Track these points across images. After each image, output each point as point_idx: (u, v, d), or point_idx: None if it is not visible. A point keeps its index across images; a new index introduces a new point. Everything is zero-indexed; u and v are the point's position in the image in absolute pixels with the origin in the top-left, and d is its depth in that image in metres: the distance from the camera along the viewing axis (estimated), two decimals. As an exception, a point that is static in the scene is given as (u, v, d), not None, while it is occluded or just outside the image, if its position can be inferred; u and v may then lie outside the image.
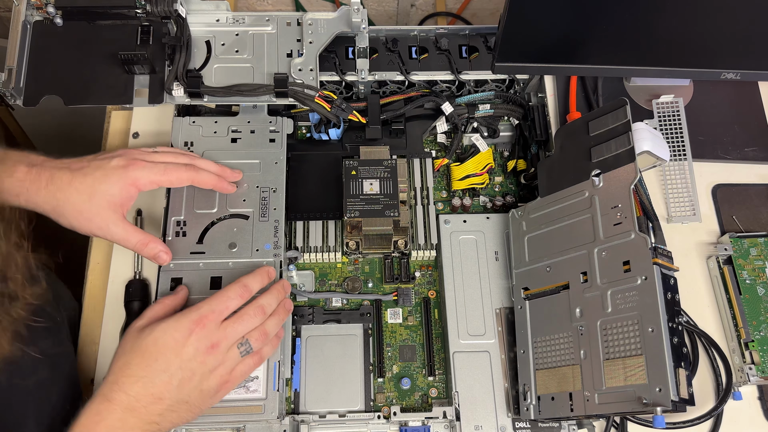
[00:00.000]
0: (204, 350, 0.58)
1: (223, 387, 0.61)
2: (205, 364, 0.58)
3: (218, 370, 0.59)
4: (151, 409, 0.56)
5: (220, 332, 0.59)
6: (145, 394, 0.56)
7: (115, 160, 0.64)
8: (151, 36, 0.77)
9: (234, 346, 0.60)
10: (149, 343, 0.57)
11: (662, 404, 0.56)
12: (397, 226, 0.74)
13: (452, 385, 0.70)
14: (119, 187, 0.63)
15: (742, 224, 0.81)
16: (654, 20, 0.76)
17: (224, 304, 0.60)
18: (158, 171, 0.65)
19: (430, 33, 0.87)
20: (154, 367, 0.56)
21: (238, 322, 0.60)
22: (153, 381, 0.56)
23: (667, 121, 0.84)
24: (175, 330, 0.58)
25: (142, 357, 0.57)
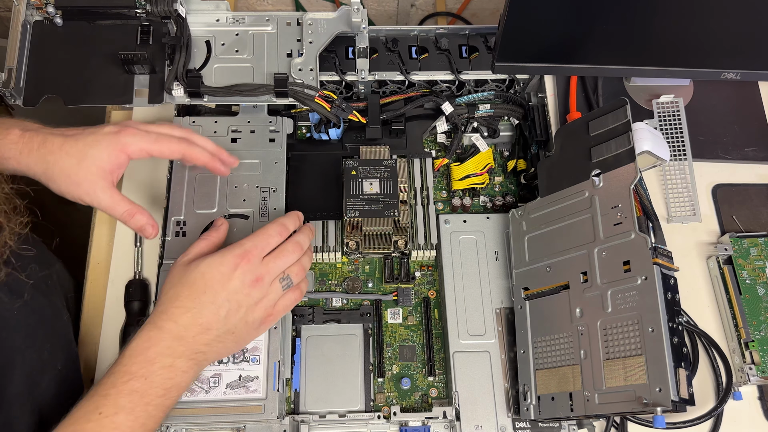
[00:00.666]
0: (249, 283, 0.60)
1: (266, 320, 0.63)
2: (251, 296, 0.61)
3: (262, 303, 0.62)
4: (198, 339, 0.59)
5: (263, 267, 0.62)
6: (194, 324, 0.58)
7: (109, 126, 0.64)
8: (151, 36, 0.77)
9: (276, 280, 0.63)
10: (197, 277, 0.60)
11: (662, 404, 0.56)
12: (397, 226, 0.74)
13: (452, 385, 0.70)
14: (108, 152, 0.62)
15: (742, 224, 0.81)
16: (654, 20, 0.76)
17: (266, 240, 0.63)
18: (150, 139, 0.64)
19: (430, 33, 0.87)
20: (202, 299, 0.59)
21: (279, 258, 0.63)
22: (201, 312, 0.59)
23: (667, 121, 0.84)
24: (221, 264, 0.60)
25: (190, 289, 0.59)
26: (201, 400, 0.65)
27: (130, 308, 0.73)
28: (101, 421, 0.53)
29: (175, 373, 0.57)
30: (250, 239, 0.62)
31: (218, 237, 0.66)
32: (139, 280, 0.75)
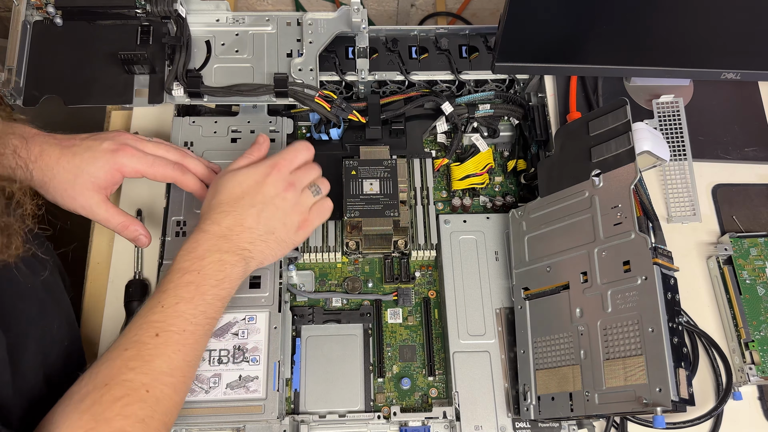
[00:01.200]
0: (282, 188, 0.66)
1: (304, 224, 0.68)
2: (286, 199, 0.66)
3: (297, 207, 0.67)
4: (242, 237, 0.63)
5: (293, 176, 0.67)
6: (236, 224, 0.63)
7: (106, 143, 0.66)
8: (151, 36, 0.77)
9: (306, 188, 0.68)
10: (234, 185, 0.65)
11: (662, 404, 0.56)
12: (397, 226, 0.74)
13: (452, 385, 0.70)
14: (105, 171, 0.65)
15: (742, 224, 0.81)
16: (654, 20, 0.76)
17: (294, 154, 0.68)
18: (146, 163, 0.67)
19: (430, 33, 0.87)
20: (242, 203, 0.64)
21: (306, 169, 0.69)
22: (242, 214, 0.63)
23: (667, 121, 0.84)
24: (255, 173, 0.65)
25: (229, 196, 0.64)
26: (201, 400, 0.65)
27: (130, 308, 0.73)
28: (165, 312, 0.58)
29: (225, 266, 0.62)
30: (280, 154, 0.67)
31: (259, 153, 0.70)
32: (139, 280, 0.75)
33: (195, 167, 0.71)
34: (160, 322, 0.58)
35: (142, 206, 0.78)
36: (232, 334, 0.68)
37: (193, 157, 0.72)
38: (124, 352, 0.56)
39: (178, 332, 0.58)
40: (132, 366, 0.55)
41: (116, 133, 0.68)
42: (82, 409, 0.53)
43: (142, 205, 0.78)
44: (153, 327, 0.57)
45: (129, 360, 0.56)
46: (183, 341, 0.58)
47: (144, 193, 0.79)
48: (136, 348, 0.56)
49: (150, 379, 0.55)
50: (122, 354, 0.56)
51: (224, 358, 0.67)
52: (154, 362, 0.56)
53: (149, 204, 0.78)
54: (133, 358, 0.56)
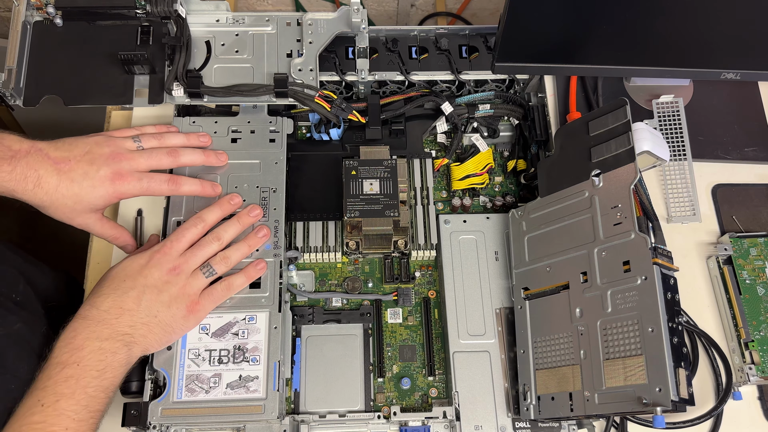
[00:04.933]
0: (166, 271, 0.64)
1: (193, 309, 0.65)
2: (170, 283, 0.64)
3: (185, 290, 0.65)
4: (121, 321, 0.61)
5: (180, 258, 0.66)
6: (114, 307, 0.62)
7: (103, 170, 0.65)
8: (151, 36, 0.77)
9: (197, 270, 0.66)
10: (118, 271, 0.65)
11: (662, 404, 0.56)
12: (397, 226, 0.74)
13: (452, 385, 0.70)
14: (104, 199, 0.66)
15: (742, 224, 0.81)
16: (654, 20, 0.76)
17: (180, 234, 0.67)
18: (141, 188, 0.68)
19: (430, 33, 0.87)
20: (123, 286, 0.63)
21: (196, 249, 0.67)
22: (121, 296, 0.62)
23: (667, 121, 0.84)
24: (140, 258, 0.65)
25: (111, 281, 0.64)
26: (201, 400, 0.65)
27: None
28: (45, 411, 0.55)
29: (105, 355, 0.59)
30: (167, 238, 0.67)
31: None
32: (139, 280, 0.75)
33: (192, 161, 0.72)
34: (41, 423, 0.55)
35: (143, 206, 0.78)
36: (232, 334, 0.68)
37: (186, 151, 0.72)
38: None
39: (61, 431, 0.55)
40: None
41: (110, 155, 0.67)
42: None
43: (142, 205, 0.78)
44: (33, 429, 0.54)
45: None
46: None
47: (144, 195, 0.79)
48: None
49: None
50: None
51: (224, 358, 0.67)
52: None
53: (149, 204, 0.78)
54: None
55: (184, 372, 0.66)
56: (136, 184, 0.67)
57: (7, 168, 0.61)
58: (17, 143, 0.63)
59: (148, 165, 0.69)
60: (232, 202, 0.72)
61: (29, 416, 0.55)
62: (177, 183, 0.71)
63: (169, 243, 0.66)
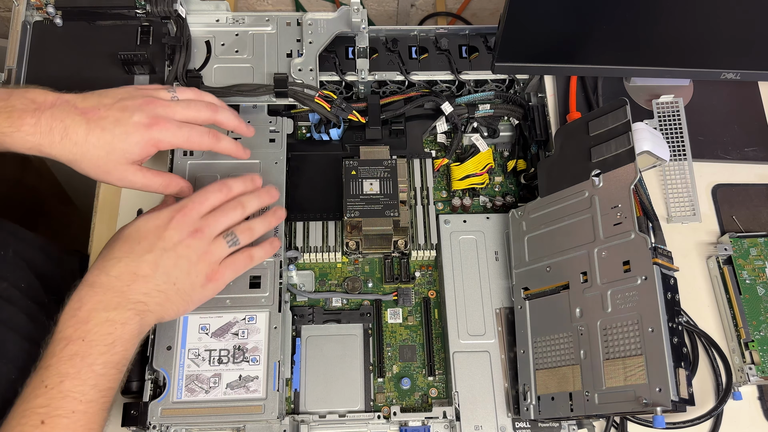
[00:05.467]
0: (187, 234, 0.58)
1: (213, 277, 0.60)
2: (191, 247, 0.58)
3: (206, 258, 0.59)
4: (134, 288, 0.56)
5: (202, 221, 0.60)
6: (127, 272, 0.55)
7: (137, 115, 0.59)
8: (151, 36, 0.77)
9: (220, 236, 0.61)
10: (131, 231, 0.58)
11: (662, 404, 0.56)
12: (397, 226, 0.74)
13: (452, 385, 0.70)
14: (140, 147, 0.60)
15: (742, 224, 0.81)
16: (654, 20, 0.76)
17: (204, 196, 0.61)
18: (181, 137, 0.62)
19: (430, 33, 0.87)
20: (137, 249, 0.57)
21: (219, 213, 0.61)
22: (136, 261, 0.56)
23: (667, 121, 0.84)
24: (156, 218, 0.58)
25: (124, 242, 0.57)
26: (201, 400, 0.65)
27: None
28: (49, 393, 0.51)
29: (114, 327, 0.54)
30: (189, 197, 0.61)
31: None
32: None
33: (228, 121, 0.67)
34: (44, 407, 0.50)
35: (142, 205, 0.78)
36: (232, 334, 0.68)
37: (224, 108, 0.67)
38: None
39: (67, 415, 0.51)
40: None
41: (144, 101, 0.61)
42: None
43: (142, 204, 0.78)
44: (36, 414, 0.50)
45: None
46: (73, 425, 0.51)
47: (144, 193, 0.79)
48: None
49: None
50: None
51: (224, 358, 0.67)
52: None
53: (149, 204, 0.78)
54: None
55: (183, 372, 0.66)
56: (177, 132, 0.61)
57: (30, 120, 0.56)
58: (41, 95, 0.58)
59: (185, 115, 0.63)
60: (255, 181, 0.66)
61: (32, 399, 0.51)
62: (217, 138, 0.64)
63: (191, 204, 0.60)
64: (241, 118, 0.70)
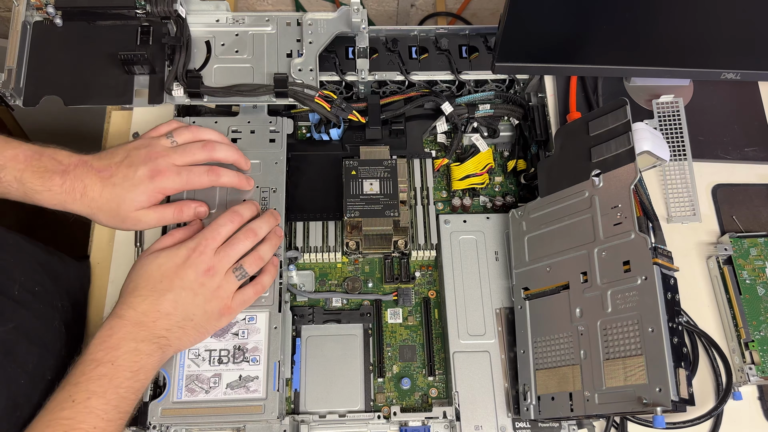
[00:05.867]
0: (202, 273, 0.64)
1: (225, 311, 0.66)
2: (205, 285, 0.64)
3: (218, 293, 0.65)
4: (158, 324, 0.62)
5: (215, 257, 0.65)
6: (153, 311, 0.62)
7: (141, 169, 0.66)
8: (151, 36, 0.77)
9: (230, 270, 0.66)
10: (153, 269, 0.64)
11: (662, 404, 0.56)
12: (397, 226, 0.74)
13: (452, 385, 0.70)
14: (146, 195, 0.67)
15: (742, 224, 0.81)
16: (654, 20, 0.76)
17: (216, 231, 0.66)
18: (182, 181, 0.68)
19: (430, 33, 0.87)
20: (159, 288, 0.62)
21: (231, 246, 0.66)
22: (159, 299, 0.62)
23: (667, 121, 0.84)
24: (175, 256, 0.64)
25: (147, 280, 0.63)
26: (201, 400, 0.65)
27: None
28: (75, 408, 0.55)
29: (140, 357, 0.60)
30: (202, 232, 0.66)
31: (185, 234, 0.68)
32: (139, 280, 0.75)
33: (226, 157, 0.72)
34: (70, 419, 0.55)
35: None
36: (232, 334, 0.68)
37: (221, 144, 0.72)
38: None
39: (88, 430, 0.55)
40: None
41: (147, 153, 0.67)
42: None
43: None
44: (61, 425, 0.55)
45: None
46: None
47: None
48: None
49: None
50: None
51: (224, 358, 0.67)
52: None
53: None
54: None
55: (184, 372, 0.66)
56: (176, 178, 0.68)
57: (58, 181, 0.63)
58: (67, 158, 0.65)
59: (183, 160, 0.69)
60: (257, 205, 0.72)
61: (59, 411, 0.55)
62: (217, 174, 0.70)
63: (205, 241, 0.65)
64: (239, 151, 0.74)
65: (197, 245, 0.65)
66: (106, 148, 0.84)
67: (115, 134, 0.84)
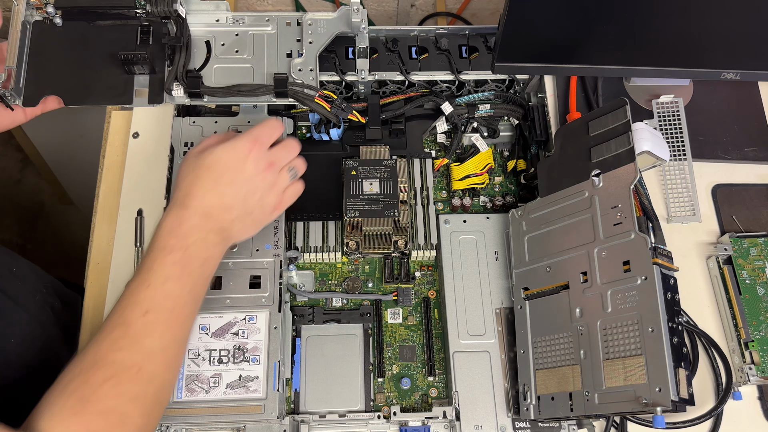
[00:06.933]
0: (263, 168, 0.65)
1: (278, 206, 0.68)
2: (265, 180, 0.66)
3: (274, 188, 0.67)
4: (223, 217, 0.63)
5: (272, 154, 0.66)
6: (218, 204, 0.63)
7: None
8: (151, 36, 0.77)
9: (285, 168, 0.68)
10: (213, 162, 0.63)
11: (662, 404, 0.56)
12: (397, 226, 0.74)
13: (452, 385, 0.70)
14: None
15: (742, 224, 0.81)
16: (654, 20, 0.76)
17: (271, 131, 0.67)
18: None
19: (430, 33, 0.87)
20: (222, 181, 0.63)
21: (285, 149, 0.68)
22: (223, 192, 0.63)
23: (667, 121, 0.84)
24: (235, 150, 0.64)
25: (208, 172, 0.63)
26: (201, 400, 0.65)
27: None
28: (152, 291, 0.57)
29: (208, 246, 0.62)
30: (258, 129, 0.66)
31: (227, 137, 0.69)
32: (139, 280, 0.75)
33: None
34: (148, 301, 0.57)
35: (143, 206, 0.78)
36: (232, 334, 0.68)
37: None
38: (110, 333, 0.56)
39: (167, 311, 0.57)
40: (120, 346, 0.55)
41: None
42: (69, 391, 0.52)
43: (142, 205, 0.79)
44: (140, 306, 0.57)
45: (116, 340, 0.55)
46: (172, 320, 0.58)
47: (144, 193, 0.79)
48: (122, 328, 0.56)
49: (141, 357, 0.55)
50: (109, 335, 0.55)
51: (224, 358, 0.67)
52: (143, 341, 0.56)
53: (149, 203, 0.78)
54: (120, 337, 0.55)
55: (183, 372, 0.66)
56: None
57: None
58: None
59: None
60: None
61: (136, 295, 0.57)
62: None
63: (262, 137, 0.66)
64: None
65: (256, 141, 0.65)
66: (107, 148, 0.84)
67: (115, 134, 0.84)
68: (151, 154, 0.82)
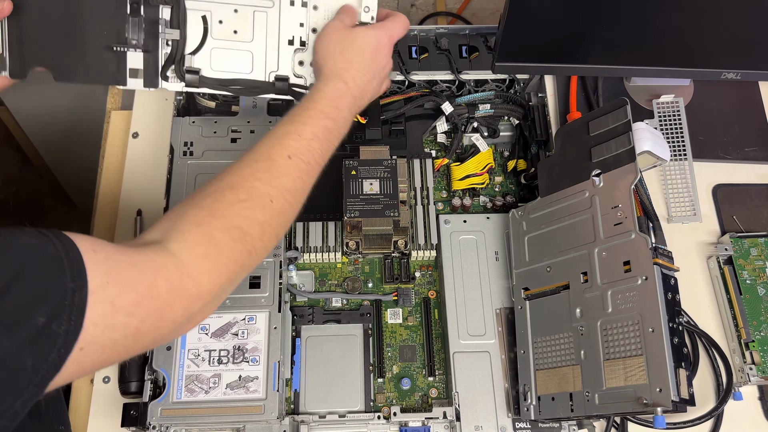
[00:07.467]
0: (386, 61, 0.69)
1: (380, 90, 0.72)
2: (385, 70, 0.70)
3: (386, 75, 0.71)
4: (363, 100, 0.68)
5: (392, 50, 0.70)
6: (364, 90, 0.67)
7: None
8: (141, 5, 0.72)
9: None
10: (365, 46, 0.67)
11: (662, 404, 0.56)
12: (397, 226, 0.74)
13: (452, 385, 0.70)
14: None
15: (742, 224, 0.81)
16: (654, 20, 0.76)
17: (404, 30, 0.70)
18: None
19: (430, 33, 0.87)
20: (369, 68, 0.67)
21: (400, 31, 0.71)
22: (370, 80, 0.67)
23: (667, 121, 0.84)
24: (380, 41, 0.68)
25: (361, 56, 0.67)
26: (201, 400, 0.65)
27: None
28: (300, 141, 0.61)
29: (347, 124, 0.65)
30: (395, 25, 0.69)
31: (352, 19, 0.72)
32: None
33: None
34: (294, 148, 0.60)
35: (142, 206, 0.78)
36: (232, 334, 0.68)
37: None
38: (254, 163, 0.58)
39: (306, 162, 0.61)
40: (260, 177, 0.57)
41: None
42: (202, 205, 0.54)
43: (142, 205, 0.78)
44: (287, 150, 0.60)
45: (258, 171, 0.58)
46: (307, 171, 0.61)
47: (144, 193, 0.79)
48: (267, 162, 0.59)
49: (276, 192, 0.58)
50: (252, 165, 0.58)
51: (224, 359, 0.67)
52: (280, 179, 0.58)
53: (149, 203, 0.78)
54: (262, 170, 0.58)
55: (183, 372, 0.66)
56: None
57: None
58: None
59: None
60: None
61: (285, 140, 0.60)
62: None
63: (396, 35, 0.69)
64: None
65: (392, 36, 0.69)
66: (107, 148, 0.84)
67: (115, 134, 0.84)
68: (150, 154, 0.82)
